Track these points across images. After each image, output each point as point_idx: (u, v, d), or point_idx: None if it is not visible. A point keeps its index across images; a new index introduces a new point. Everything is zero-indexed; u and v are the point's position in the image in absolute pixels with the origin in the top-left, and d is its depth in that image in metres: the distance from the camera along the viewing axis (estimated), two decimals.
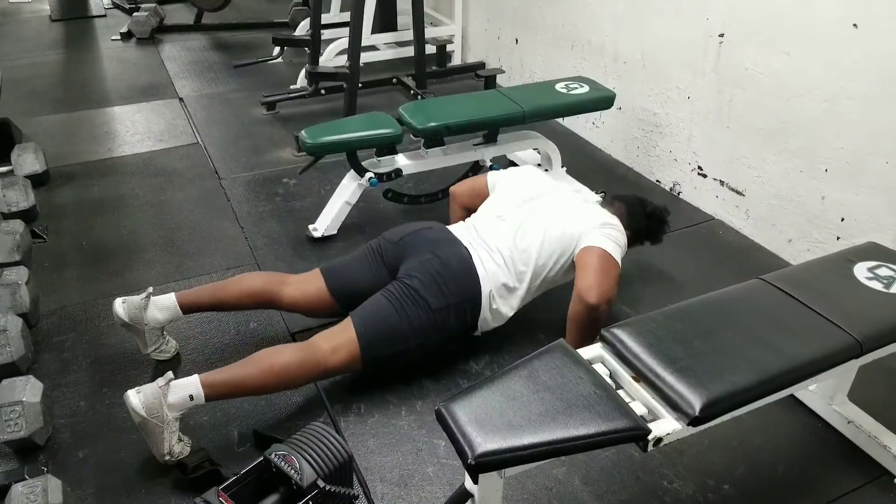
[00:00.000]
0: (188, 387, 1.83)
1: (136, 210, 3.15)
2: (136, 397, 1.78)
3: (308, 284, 2.23)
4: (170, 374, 1.84)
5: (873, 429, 1.95)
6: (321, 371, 1.99)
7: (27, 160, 3.32)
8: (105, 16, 6.10)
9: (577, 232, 2.17)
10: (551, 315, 2.35)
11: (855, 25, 2.39)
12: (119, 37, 5.49)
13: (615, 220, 2.24)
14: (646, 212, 2.44)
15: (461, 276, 2.11)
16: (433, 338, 2.10)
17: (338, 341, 2.00)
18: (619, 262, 2.13)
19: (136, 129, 3.94)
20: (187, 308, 2.18)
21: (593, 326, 2.05)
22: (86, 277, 2.68)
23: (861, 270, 1.81)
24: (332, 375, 2.09)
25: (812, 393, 2.09)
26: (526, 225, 2.20)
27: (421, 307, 2.05)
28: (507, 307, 2.19)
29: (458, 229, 2.27)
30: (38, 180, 3.26)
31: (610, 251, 2.10)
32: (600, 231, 2.15)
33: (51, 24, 5.88)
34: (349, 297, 2.18)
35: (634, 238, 2.39)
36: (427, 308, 2.05)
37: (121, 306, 2.11)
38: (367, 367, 2.06)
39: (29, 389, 1.94)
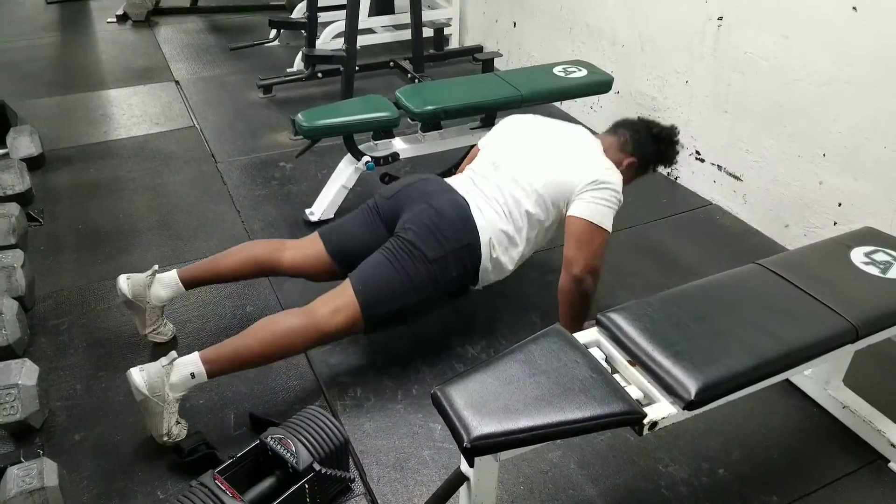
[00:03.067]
0: (189, 365, 1.82)
1: (132, 193, 3.14)
2: (138, 375, 1.77)
3: (306, 248, 2.20)
4: (173, 353, 1.83)
5: (868, 413, 1.96)
6: (322, 335, 1.95)
7: (23, 143, 3.30)
8: None
9: (571, 183, 2.08)
10: (547, 300, 2.35)
11: (854, 9, 2.38)
12: (115, 19, 5.44)
13: (610, 173, 2.11)
14: (653, 134, 2.31)
15: (457, 223, 2.05)
16: (434, 291, 2.05)
17: (337, 303, 1.96)
18: (609, 227, 2.06)
19: (132, 112, 3.92)
20: (189, 283, 2.17)
21: (583, 299, 2.04)
22: (82, 261, 2.68)
23: (857, 255, 1.81)
24: (334, 339, 2.05)
25: (808, 378, 2.09)
26: (521, 171, 2.14)
27: (418, 260, 2.00)
28: (507, 258, 2.13)
29: (454, 179, 2.23)
30: (33, 163, 3.24)
31: (596, 221, 2.03)
32: (591, 194, 2.05)
33: (46, 7, 5.83)
34: (348, 257, 2.13)
35: (645, 165, 2.30)
36: (424, 259, 2.00)
37: (125, 282, 2.10)
38: (369, 328, 2.02)
39: (25, 372, 1.94)
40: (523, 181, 2.12)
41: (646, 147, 2.28)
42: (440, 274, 2.03)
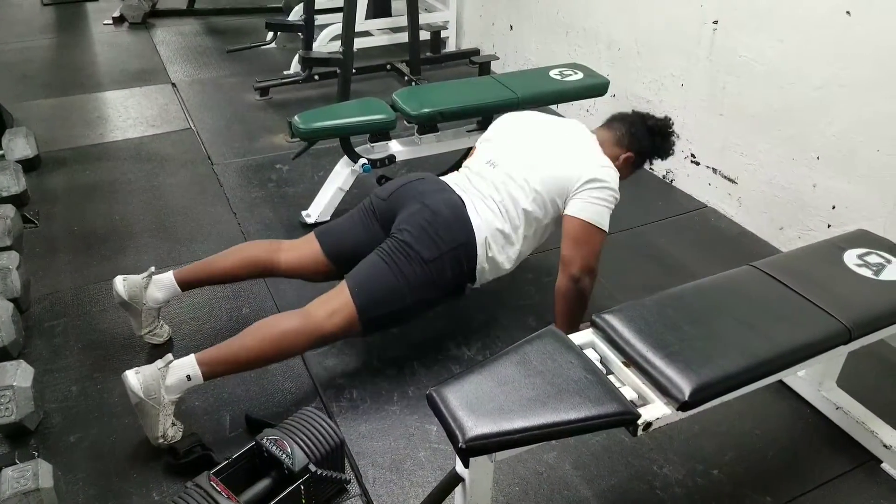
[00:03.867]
0: (185, 367, 1.82)
1: (128, 195, 3.14)
2: (134, 378, 1.77)
3: (302, 249, 2.19)
4: (169, 356, 1.83)
5: (861, 415, 1.97)
6: (318, 337, 1.94)
7: (18, 145, 3.29)
8: (97, 0, 6.05)
9: (569, 179, 2.08)
10: (542, 301, 2.36)
11: (848, 13, 2.39)
12: (111, 21, 5.44)
13: (607, 171, 2.11)
14: (647, 126, 2.31)
15: (452, 223, 2.04)
16: (431, 292, 2.04)
17: (333, 305, 1.96)
18: (606, 226, 2.07)
19: (128, 114, 3.92)
20: (185, 284, 2.16)
21: (580, 298, 2.05)
22: (77, 262, 2.67)
23: (851, 257, 1.82)
24: (330, 341, 2.05)
25: (801, 379, 2.10)
26: (517, 169, 2.14)
27: (414, 261, 1.99)
28: (504, 257, 2.12)
29: (450, 178, 2.22)
30: (29, 165, 3.24)
31: (593, 221, 2.04)
32: (588, 193, 2.06)
33: (42, 8, 5.82)
34: (345, 258, 2.13)
35: (641, 159, 2.31)
36: (420, 260, 1.99)
37: (121, 284, 2.10)
38: (366, 330, 2.01)
39: (20, 374, 1.94)
40: (520, 179, 2.12)
41: (642, 141, 2.29)
42: (436, 274, 2.02)
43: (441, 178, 2.23)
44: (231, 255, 2.21)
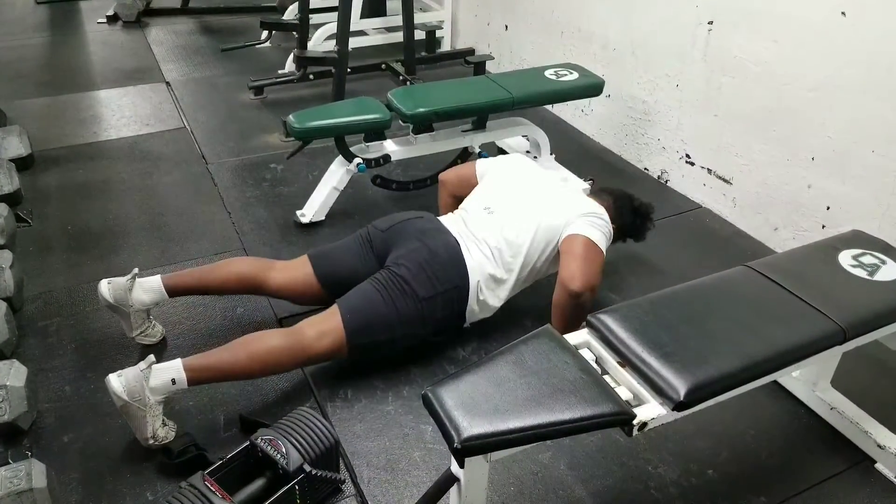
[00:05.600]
0: (170, 370, 1.82)
1: (122, 194, 3.12)
2: (117, 381, 1.77)
3: (295, 270, 2.22)
4: (151, 357, 1.83)
5: (855, 415, 1.97)
6: (306, 357, 1.99)
7: (12, 143, 3.28)
8: None
9: (563, 222, 2.16)
10: (538, 302, 2.35)
11: (843, 14, 2.40)
12: (105, 20, 5.42)
13: (601, 210, 2.23)
14: (633, 206, 2.43)
15: (449, 266, 2.10)
16: (420, 328, 2.09)
17: (324, 328, 1.99)
18: (604, 250, 2.14)
19: (122, 113, 3.91)
20: (173, 291, 2.16)
21: (578, 313, 2.05)
22: (71, 262, 2.66)
23: (845, 258, 1.82)
24: (317, 362, 2.09)
25: (796, 379, 2.10)
26: (513, 217, 2.20)
27: (409, 296, 2.04)
28: (495, 298, 2.19)
29: (447, 220, 2.27)
30: (22, 164, 3.23)
31: (595, 239, 2.10)
32: (586, 220, 2.14)
33: (35, 7, 5.80)
34: (336, 284, 2.16)
35: (618, 234, 2.37)
36: (415, 297, 2.04)
37: (106, 287, 2.10)
38: (352, 355, 2.05)
39: (13, 373, 1.93)
40: (516, 228, 2.17)
41: (625, 217, 2.40)
42: (428, 312, 2.07)
43: (439, 218, 2.28)
44: (221, 269, 2.22)
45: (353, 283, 2.11)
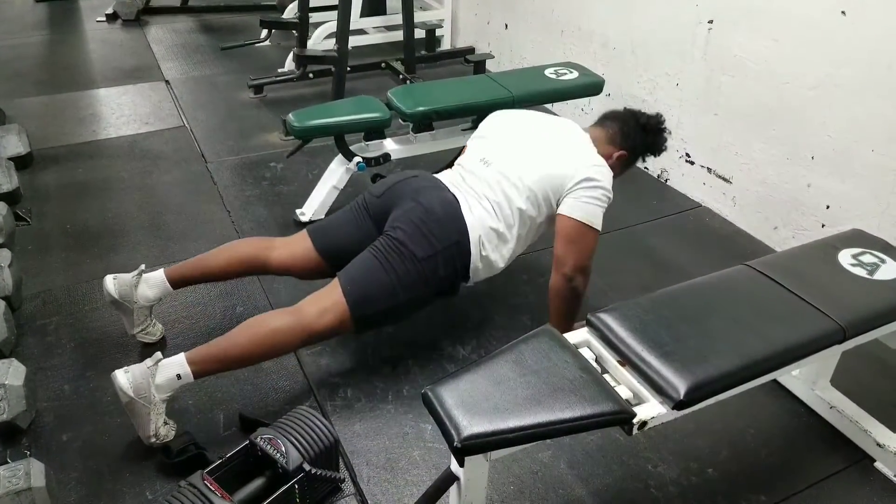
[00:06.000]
0: (174, 366, 1.81)
1: (121, 193, 3.12)
2: (124, 377, 1.76)
3: (295, 246, 2.18)
4: (158, 354, 1.82)
5: (855, 414, 1.97)
6: (310, 335, 1.93)
7: (10, 142, 3.27)
8: None
9: (563, 177, 2.07)
10: (538, 301, 2.35)
11: (843, 13, 2.40)
12: (104, 18, 5.41)
13: (601, 170, 2.10)
14: (640, 124, 2.31)
15: (446, 222, 2.04)
16: (424, 290, 2.03)
17: (325, 303, 1.95)
18: (599, 225, 2.06)
19: (121, 112, 3.90)
20: (176, 282, 2.15)
21: (574, 297, 2.05)
22: (70, 260, 2.66)
23: (845, 257, 1.82)
24: (322, 339, 2.04)
25: (795, 378, 2.10)
26: (511, 168, 2.13)
27: (407, 259, 1.98)
28: (498, 255, 2.11)
29: (444, 175, 2.22)
30: (21, 162, 3.22)
31: (587, 220, 2.03)
32: (582, 192, 2.05)
33: (34, 5, 5.79)
34: (337, 255, 2.11)
35: (634, 156, 2.30)
36: (414, 259, 1.98)
37: (112, 283, 2.09)
38: (358, 328, 2.00)
39: (12, 372, 1.93)
40: (514, 177, 2.11)
41: (634, 139, 2.28)
42: (429, 273, 2.01)
43: (435, 175, 2.23)
44: (222, 253, 2.19)
45: (354, 253, 2.05)
